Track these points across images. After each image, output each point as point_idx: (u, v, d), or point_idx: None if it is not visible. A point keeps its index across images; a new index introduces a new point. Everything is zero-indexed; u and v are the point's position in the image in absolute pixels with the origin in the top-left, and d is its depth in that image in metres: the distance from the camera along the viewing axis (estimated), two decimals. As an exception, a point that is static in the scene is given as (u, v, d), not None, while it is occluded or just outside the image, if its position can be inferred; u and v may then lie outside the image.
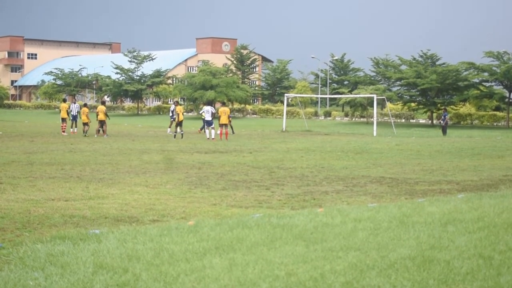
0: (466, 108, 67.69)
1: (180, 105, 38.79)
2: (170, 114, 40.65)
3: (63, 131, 38.42)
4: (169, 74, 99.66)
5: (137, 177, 16.67)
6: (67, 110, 39.42)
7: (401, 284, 6.14)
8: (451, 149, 28.69)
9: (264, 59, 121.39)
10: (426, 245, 7.65)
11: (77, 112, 39.67)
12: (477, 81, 63.32)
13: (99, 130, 36.24)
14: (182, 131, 35.69)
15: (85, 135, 35.63)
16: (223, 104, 41.30)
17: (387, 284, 6.12)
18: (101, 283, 6.25)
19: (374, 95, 50.52)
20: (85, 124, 36.44)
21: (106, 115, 36.16)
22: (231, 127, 42.63)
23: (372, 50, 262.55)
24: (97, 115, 36.33)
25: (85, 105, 39.39)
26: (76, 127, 39.20)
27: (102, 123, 36.12)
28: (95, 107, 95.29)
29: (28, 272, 6.63)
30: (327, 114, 80.00)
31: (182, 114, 36.29)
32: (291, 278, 6.33)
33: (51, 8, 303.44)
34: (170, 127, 41.54)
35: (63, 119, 39.37)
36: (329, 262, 6.89)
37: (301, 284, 6.16)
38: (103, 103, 38.84)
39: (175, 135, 35.29)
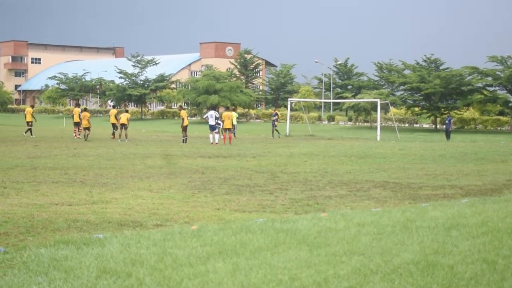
0: (470, 113, 67.62)
1: (184, 109, 38.69)
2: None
3: (75, 135, 38.82)
4: (173, 79, 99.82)
5: (141, 181, 16.68)
6: (79, 115, 39.75)
7: (404, 289, 6.13)
8: (454, 153, 28.66)
9: (268, 63, 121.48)
10: (430, 249, 7.64)
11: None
12: (481, 85, 63.30)
13: (120, 134, 36.61)
14: (185, 136, 35.70)
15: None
16: (227, 108, 41.28)
17: (391, 289, 6.11)
18: (104, 287, 6.25)
19: (378, 100, 50.54)
20: (85, 129, 36.58)
21: (127, 121, 36.69)
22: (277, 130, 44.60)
23: (376, 54, 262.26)
24: (119, 120, 36.89)
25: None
26: (79, 131, 39.51)
27: (123, 126, 36.44)
28: (100, 111, 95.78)
29: (32, 277, 6.62)
30: (331, 119, 79.99)
31: (187, 118, 36.31)
32: (295, 282, 6.32)
33: (55, 12, 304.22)
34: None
35: (76, 123, 39.72)
36: (332, 266, 6.88)
37: (304, 288, 6.15)
38: (127, 111, 39.26)
39: (182, 140, 35.28)
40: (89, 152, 26.63)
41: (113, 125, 38.50)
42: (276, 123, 45.92)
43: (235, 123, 46.23)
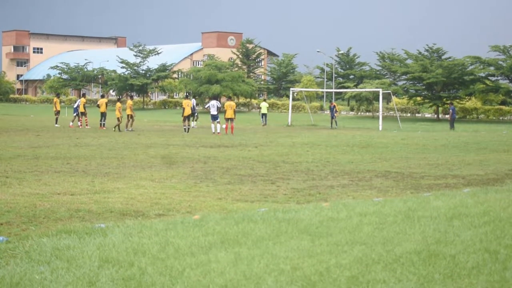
0: (472, 103, 67.55)
1: (188, 99, 38.40)
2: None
3: (86, 125, 39.20)
4: (175, 69, 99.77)
5: (143, 171, 16.69)
6: (84, 105, 40.07)
7: (406, 278, 6.13)
8: (456, 143, 28.63)
9: (270, 53, 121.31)
10: (432, 239, 7.64)
11: (78, 106, 40.58)
12: (483, 75, 63.24)
13: (126, 124, 36.60)
14: (188, 125, 35.67)
15: (116, 130, 35.82)
16: (229, 98, 41.20)
17: (393, 278, 6.11)
18: (106, 277, 6.26)
19: (380, 89, 50.45)
20: (130, 117, 36.77)
21: (131, 109, 36.66)
22: (336, 122, 46.25)
23: (378, 44, 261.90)
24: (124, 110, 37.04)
25: (118, 99, 39.73)
26: (78, 120, 40.11)
27: (129, 117, 36.46)
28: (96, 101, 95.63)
29: (34, 266, 6.64)
30: (333, 109, 79.88)
31: (190, 108, 36.18)
32: (297, 272, 6.33)
33: (57, 2, 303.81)
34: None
35: (82, 113, 40.16)
36: (334, 256, 6.89)
37: (306, 278, 6.16)
38: (131, 97, 39.31)
39: (185, 129, 35.33)
40: (91, 142, 26.64)
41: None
42: (335, 114, 47.62)
43: (266, 112, 46.73)
